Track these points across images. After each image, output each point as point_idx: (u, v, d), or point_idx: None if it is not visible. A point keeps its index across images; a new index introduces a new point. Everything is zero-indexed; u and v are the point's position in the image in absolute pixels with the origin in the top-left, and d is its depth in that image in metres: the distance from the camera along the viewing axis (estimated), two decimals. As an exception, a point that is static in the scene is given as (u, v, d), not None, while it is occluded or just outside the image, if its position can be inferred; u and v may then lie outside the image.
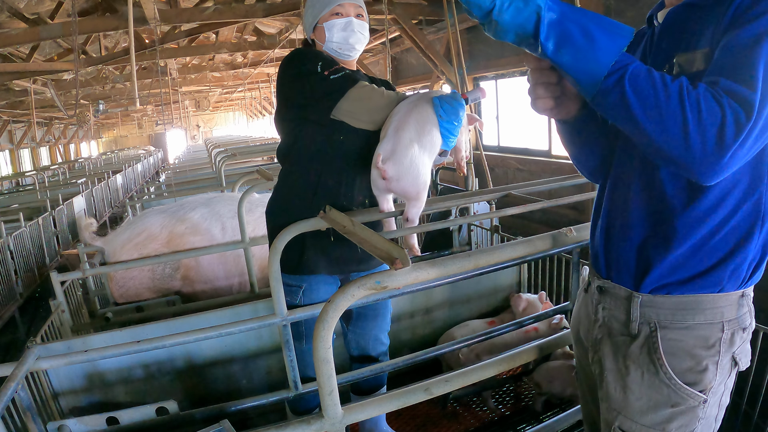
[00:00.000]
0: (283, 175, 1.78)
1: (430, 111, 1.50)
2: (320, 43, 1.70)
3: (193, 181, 5.94)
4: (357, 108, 1.57)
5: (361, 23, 1.70)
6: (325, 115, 1.59)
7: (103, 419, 1.55)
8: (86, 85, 9.35)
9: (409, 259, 0.99)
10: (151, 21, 5.29)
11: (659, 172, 0.98)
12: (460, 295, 2.70)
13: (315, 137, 1.65)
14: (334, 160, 1.65)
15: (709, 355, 0.98)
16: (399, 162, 1.45)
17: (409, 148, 1.46)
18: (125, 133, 24.24)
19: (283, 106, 1.70)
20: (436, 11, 6.46)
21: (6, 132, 14.60)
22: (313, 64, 1.59)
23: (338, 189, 1.67)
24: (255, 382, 2.27)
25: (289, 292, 1.71)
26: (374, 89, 1.59)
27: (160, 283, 2.87)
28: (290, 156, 1.72)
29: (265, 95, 16.81)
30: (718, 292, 0.97)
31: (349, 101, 1.56)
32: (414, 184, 1.49)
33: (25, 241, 5.69)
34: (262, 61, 10.01)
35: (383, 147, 1.48)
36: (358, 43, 1.70)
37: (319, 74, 1.57)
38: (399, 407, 1.20)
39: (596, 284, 1.12)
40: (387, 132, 1.50)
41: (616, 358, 1.07)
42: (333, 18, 1.66)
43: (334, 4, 1.66)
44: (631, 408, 1.04)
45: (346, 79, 1.58)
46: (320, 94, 1.57)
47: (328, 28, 1.66)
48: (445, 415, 2.26)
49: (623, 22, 0.86)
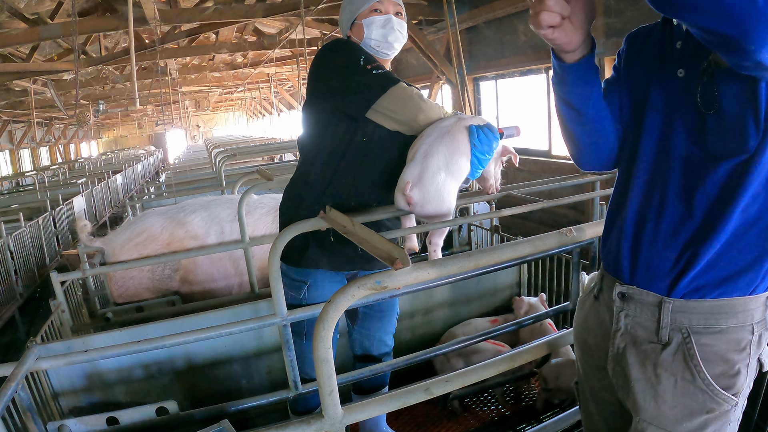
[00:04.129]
0: (298, 170, 1.76)
1: (463, 139, 1.49)
2: (357, 40, 1.67)
3: (193, 181, 5.93)
4: (396, 107, 1.54)
5: (401, 22, 1.67)
6: (363, 110, 1.55)
7: (103, 419, 1.55)
8: (86, 85, 9.36)
9: (409, 259, 0.99)
10: (151, 21, 5.29)
11: (708, 169, 0.94)
12: (460, 295, 2.70)
13: (339, 134, 1.62)
14: (353, 161, 1.63)
15: (741, 358, 0.97)
16: (425, 189, 1.46)
17: (437, 176, 1.46)
18: (125, 133, 24.24)
19: (318, 94, 1.65)
20: (436, 11, 6.47)
21: (6, 132, 14.61)
22: (356, 56, 1.56)
23: (350, 191, 1.65)
24: (255, 382, 2.27)
25: (294, 287, 1.71)
26: (415, 91, 1.57)
27: (160, 284, 2.87)
28: (312, 149, 1.69)
29: (264, 95, 16.81)
30: (750, 294, 0.96)
31: (389, 99, 1.53)
32: (438, 210, 1.49)
33: (25, 241, 5.69)
34: (262, 61, 10.01)
35: (410, 172, 1.48)
36: (396, 42, 1.67)
37: (362, 67, 1.54)
38: (399, 407, 1.20)
39: (617, 291, 1.06)
40: (416, 156, 1.49)
41: (644, 367, 1.03)
42: (372, 15, 1.63)
43: (374, 1, 1.63)
44: (664, 417, 1.01)
45: (388, 76, 1.55)
46: (362, 87, 1.54)
47: (367, 24, 1.63)
48: (445, 415, 2.26)
49: (623, 22, 0.85)
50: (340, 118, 1.61)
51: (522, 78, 6.45)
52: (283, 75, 13.23)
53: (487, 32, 6.45)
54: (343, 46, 1.63)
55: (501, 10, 5.74)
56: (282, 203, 1.78)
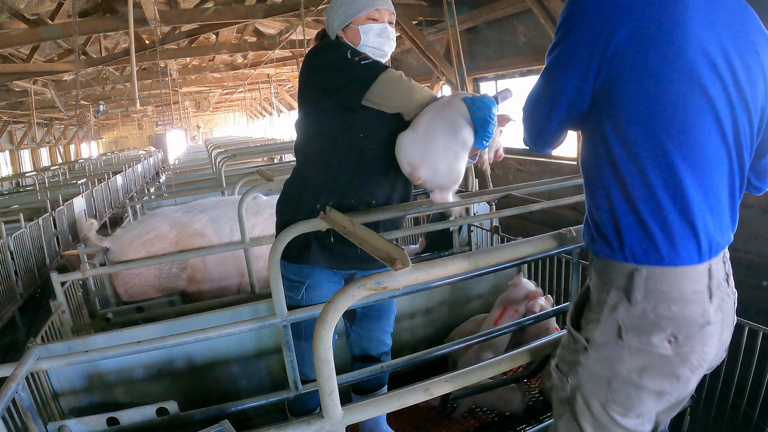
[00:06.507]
0: (295, 171, 1.77)
1: (462, 108, 1.50)
2: (348, 42, 1.69)
3: (193, 181, 5.94)
4: (389, 90, 1.56)
5: (393, 30, 1.71)
6: (358, 99, 1.57)
7: (104, 420, 1.55)
8: (86, 85, 9.35)
9: (410, 260, 0.99)
10: (152, 22, 5.29)
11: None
12: (460, 296, 2.70)
13: (336, 131, 1.63)
14: (351, 158, 1.63)
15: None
16: (432, 166, 1.49)
17: (442, 150, 1.47)
18: (125, 133, 24.25)
19: (310, 95, 1.67)
20: (436, 12, 6.46)
21: (6, 133, 14.60)
22: (342, 52, 1.59)
23: (348, 188, 1.65)
24: (255, 383, 2.27)
25: (292, 288, 1.71)
26: (403, 75, 1.60)
27: (167, 282, 2.86)
28: (307, 149, 1.70)
29: (265, 96, 16.81)
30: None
31: (381, 84, 1.55)
32: (448, 181, 1.53)
33: (26, 241, 5.70)
34: (262, 61, 10.01)
35: (414, 151, 1.49)
36: (390, 50, 1.71)
37: (349, 59, 1.56)
38: (399, 407, 1.20)
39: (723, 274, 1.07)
40: (417, 133, 1.50)
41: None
42: (369, 22, 1.65)
43: (372, 8, 1.65)
44: None
45: (377, 65, 1.58)
46: (352, 78, 1.56)
47: (364, 31, 1.65)
48: (445, 415, 2.25)
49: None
50: (335, 113, 1.62)
51: (522, 79, 6.45)
52: (283, 76, 13.23)
53: (487, 33, 6.45)
54: (328, 46, 1.66)
55: (501, 11, 5.74)
56: (279, 204, 1.78)
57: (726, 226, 1.06)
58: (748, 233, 3.46)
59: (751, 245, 3.45)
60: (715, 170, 1.00)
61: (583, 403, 1.11)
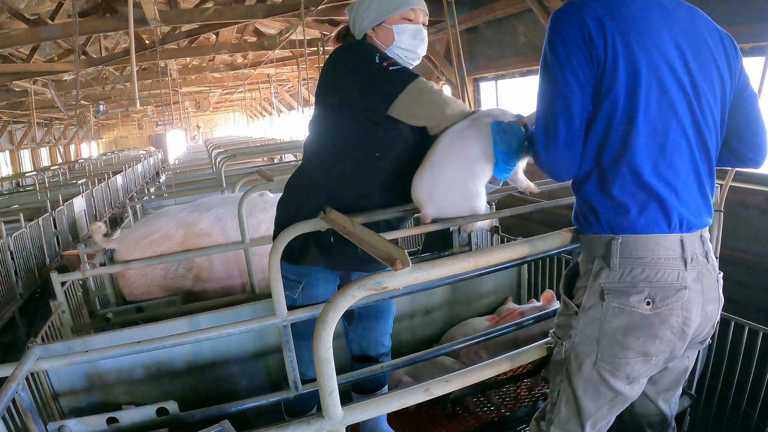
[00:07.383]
0: (301, 171, 1.70)
1: (477, 140, 1.40)
2: (379, 42, 1.60)
3: (193, 181, 5.94)
4: (417, 102, 1.46)
5: (426, 33, 1.63)
6: (383, 108, 1.47)
7: (104, 420, 1.55)
8: (86, 85, 9.35)
9: (410, 260, 0.99)
10: (152, 22, 5.29)
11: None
12: (460, 296, 2.70)
13: (350, 144, 1.56)
14: (363, 162, 1.57)
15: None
16: (439, 206, 1.44)
17: (448, 189, 1.42)
18: (125, 133, 24.24)
19: (330, 99, 1.59)
20: (436, 12, 6.44)
21: (6, 133, 14.60)
22: (369, 56, 1.50)
23: (357, 192, 1.61)
24: (255, 383, 2.27)
25: (289, 287, 1.69)
26: (435, 85, 1.51)
27: (173, 282, 2.85)
28: (319, 150, 1.63)
29: (265, 96, 16.81)
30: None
31: (409, 95, 1.45)
32: (460, 213, 1.46)
33: (26, 241, 5.70)
34: (263, 61, 10.01)
35: (421, 190, 1.44)
36: (423, 54, 1.64)
37: (377, 64, 1.47)
38: (399, 407, 1.20)
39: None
40: (424, 170, 1.44)
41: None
42: (404, 22, 1.57)
43: (408, 7, 1.56)
44: None
45: (405, 72, 1.48)
46: (378, 86, 1.47)
47: (398, 31, 1.57)
48: (445, 415, 2.25)
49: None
50: (354, 122, 1.55)
51: (522, 79, 6.45)
52: (283, 76, 13.22)
53: (487, 33, 6.45)
54: (355, 47, 1.58)
55: (501, 11, 5.74)
56: (281, 203, 1.74)
57: (698, 208, 1.17)
58: (748, 233, 3.45)
59: (752, 245, 3.44)
60: (676, 155, 1.14)
61: (575, 363, 1.23)
